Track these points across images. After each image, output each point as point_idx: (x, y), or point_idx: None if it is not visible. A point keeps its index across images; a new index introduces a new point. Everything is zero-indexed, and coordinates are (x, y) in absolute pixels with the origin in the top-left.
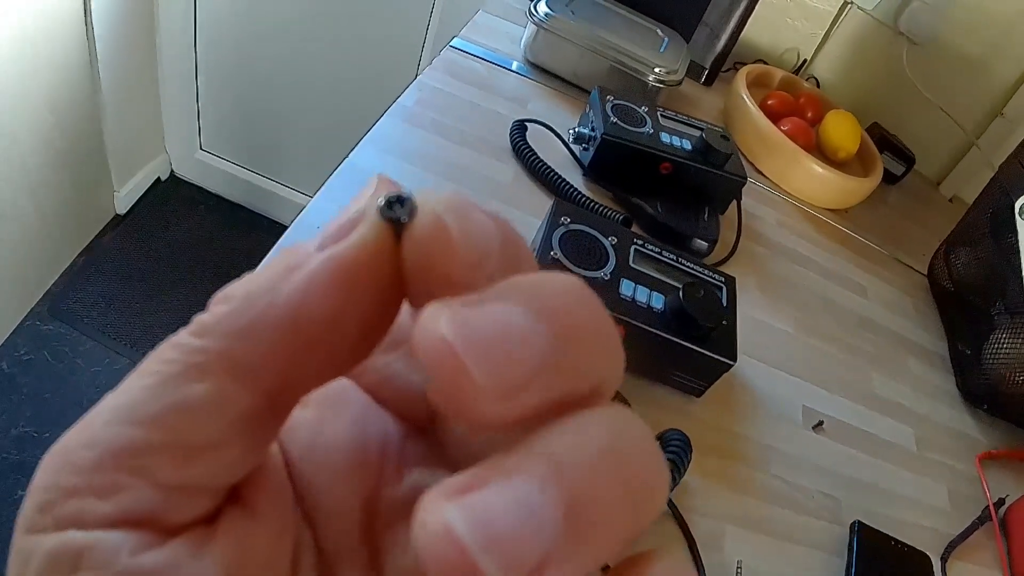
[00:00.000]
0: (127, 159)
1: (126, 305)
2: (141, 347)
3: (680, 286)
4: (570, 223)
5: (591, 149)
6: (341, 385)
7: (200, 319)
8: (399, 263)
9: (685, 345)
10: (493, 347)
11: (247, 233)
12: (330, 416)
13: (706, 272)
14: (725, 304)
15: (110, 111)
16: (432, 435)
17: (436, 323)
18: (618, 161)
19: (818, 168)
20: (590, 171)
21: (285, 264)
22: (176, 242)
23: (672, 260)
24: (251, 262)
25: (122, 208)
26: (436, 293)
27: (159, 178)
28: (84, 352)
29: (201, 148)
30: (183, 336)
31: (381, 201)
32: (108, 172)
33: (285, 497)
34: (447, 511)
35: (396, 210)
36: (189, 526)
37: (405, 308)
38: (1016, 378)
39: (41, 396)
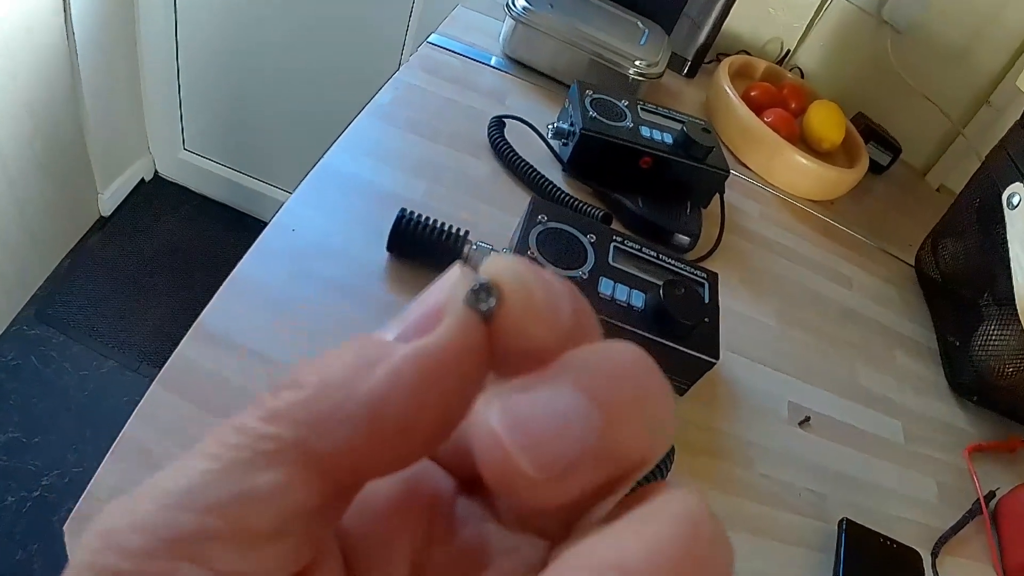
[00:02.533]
0: (110, 161)
1: (113, 307)
2: (129, 350)
3: (660, 283)
4: (548, 221)
5: (570, 144)
6: None
7: (269, 404)
8: (486, 349)
9: (666, 344)
10: (541, 437)
11: (233, 232)
12: None
13: (687, 269)
14: (707, 301)
15: (92, 112)
16: (485, 491)
17: (487, 415)
18: (598, 156)
19: (802, 159)
20: (569, 167)
21: (363, 355)
22: (162, 243)
23: (652, 257)
24: (237, 262)
25: (106, 210)
26: (521, 365)
27: (143, 179)
28: (72, 356)
29: (184, 148)
30: (249, 419)
31: (468, 290)
32: (91, 174)
33: (338, 571)
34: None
35: (483, 299)
36: None
37: None
38: (1005, 369)
39: (29, 401)
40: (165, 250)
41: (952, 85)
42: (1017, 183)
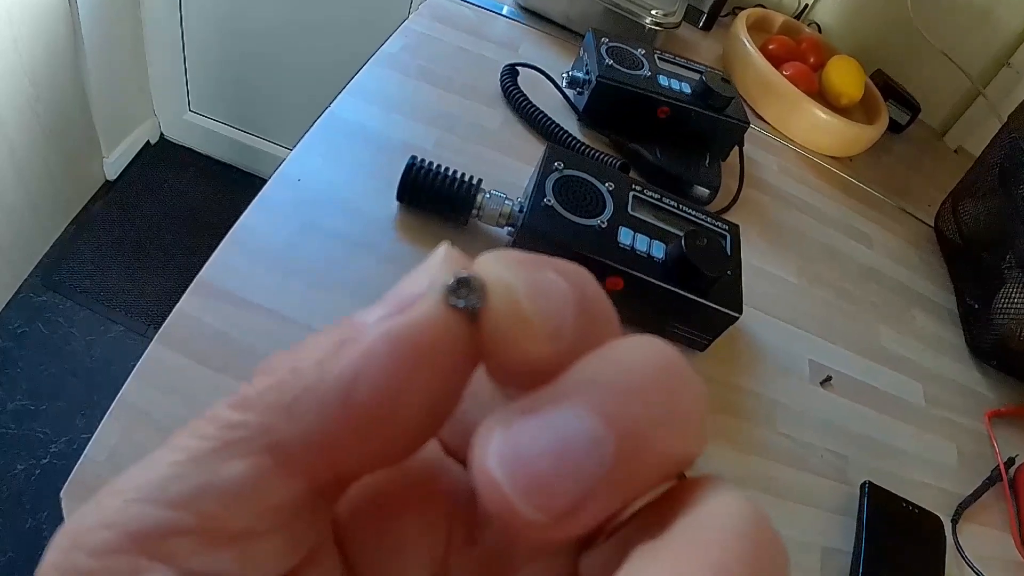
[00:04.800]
0: (115, 124)
1: (119, 272)
2: (136, 314)
3: (682, 234)
4: (564, 169)
5: (586, 93)
6: None
7: (242, 391)
8: (468, 346)
9: (688, 297)
10: (544, 476)
11: (240, 193)
12: (393, 470)
13: (709, 219)
14: (729, 253)
15: (95, 76)
16: None
17: (484, 454)
18: (614, 105)
19: (821, 114)
20: (585, 116)
21: (337, 337)
22: (168, 206)
23: (673, 207)
24: None
25: (112, 174)
26: (513, 369)
27: (148, 142)
28: (79, 322)
29: (190, 109)
30: (221, 408)
31: (444, 284)
32: (96, 138)
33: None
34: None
35: (462, 296)
36: None
37: None
38: None
39: (37, 368)
40: (171, 213)
41: (973, 45)
42: None
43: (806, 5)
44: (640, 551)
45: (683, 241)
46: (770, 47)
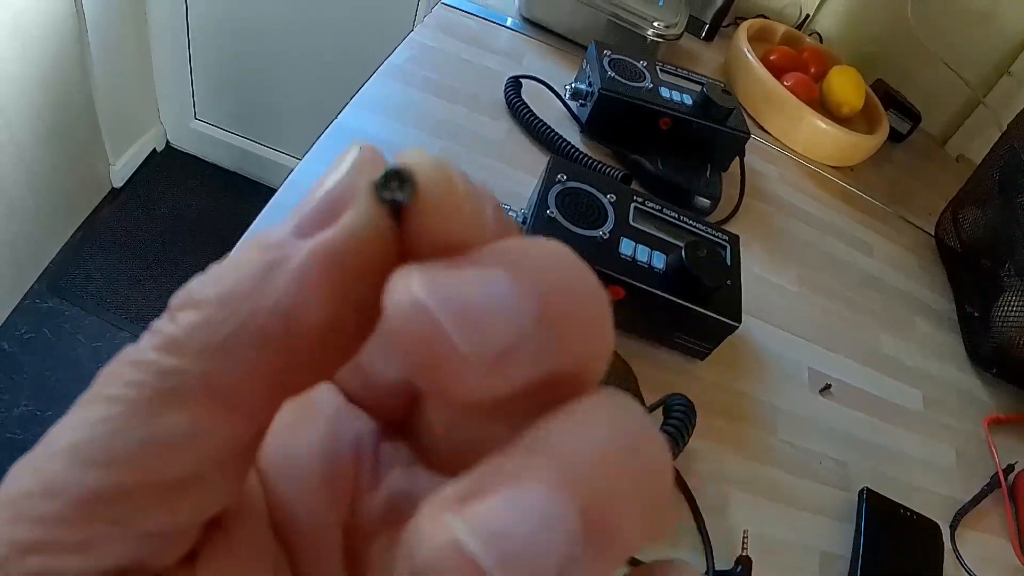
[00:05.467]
0: (121, 131)
1: (126, 279)
2: (142, 321)
3: (682, 245)
4: (567, 180)
5: (588, 105)
6: None
7: (166, 331)
8: (396, 246)
9: (688, 306)
10: (474, 308)
11: (246, 201)
12: (301, 422)
13: (709, 230)
14: (729, 263)
15: (102, 84)
16: (409, 432)
17: (408, 286)
18: (616, 117)
19: (822, 124)
20: (588, 127)
21: (263, 259)
22: (174, 213)
23: (674, 218)
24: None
25: (118, 181)
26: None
27: (155, 149)
28: (85, 328)
29: (196, 117)
30: (146, 352)
31: (375, 179)
32: (103, 145)
33: (262, 521)
34: (454, 524)
35: (395, 191)
36: (170, 570)
37: None
38: None
39: (43, 374)
40: (177, 220)
41: (973, 53)
42: None
43: (807, 15)
44: (527, 430)
45: (683, 252)
46: (771, 57)
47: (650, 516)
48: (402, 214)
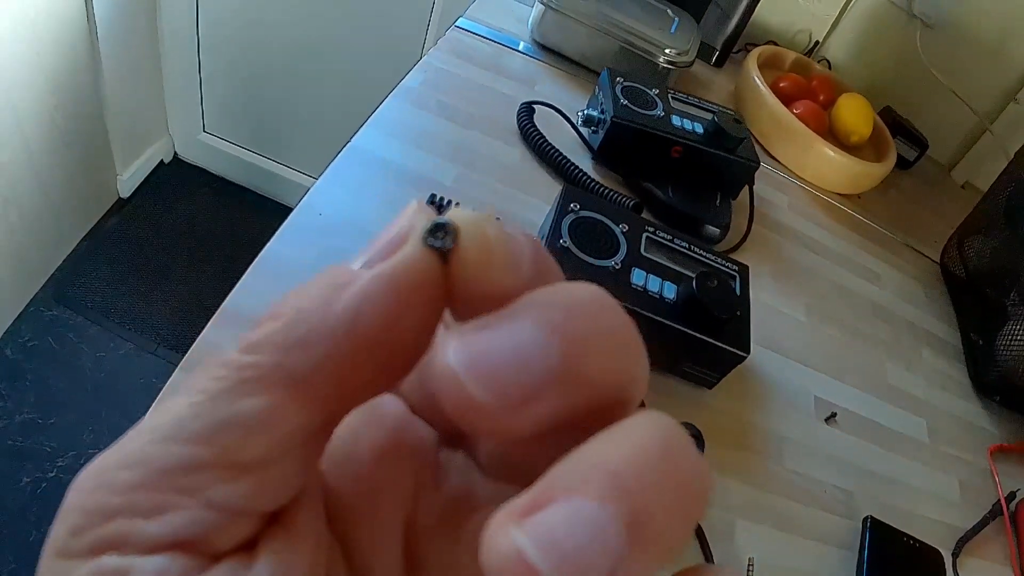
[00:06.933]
0: (130, 142)
1: (130, 289)
2: (146, 331)
3: (693, 275)
4: (580, 210)
5: (600, 132)
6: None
7: (248, 337)
8: (443, 283)
9: (698, 337)
10: (496, 365)
11: (252, 215)
12: (367, 425)
13: (719, 261)
14: (739, 294)
15: (112, 94)
16: (467, 443)
17: (444, 349)
18: (628, 144)
19: (831, 152)
20: (599, 154)
21: (332, 282)
22: (180, 225)
23: (685, 248)
24: (256, 244)
25: (125, 192)
26: (478, 306)
27: (162, 161)
28: (89, 337)
29: (204, 130)
30: (231, 354)
31: (424, 228)
32: (111, 155)
33: (321, 515)
34: (516, 534)
35: (439, 238)
36: (233, 551)
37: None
38: None
39: (46, 382)
40: (183, 232)
41: (980, 81)
42: None
43: (817, 42)
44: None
45: (695, 282)
46: (781, 85)
47: (690, 522)
48: (448, 259)
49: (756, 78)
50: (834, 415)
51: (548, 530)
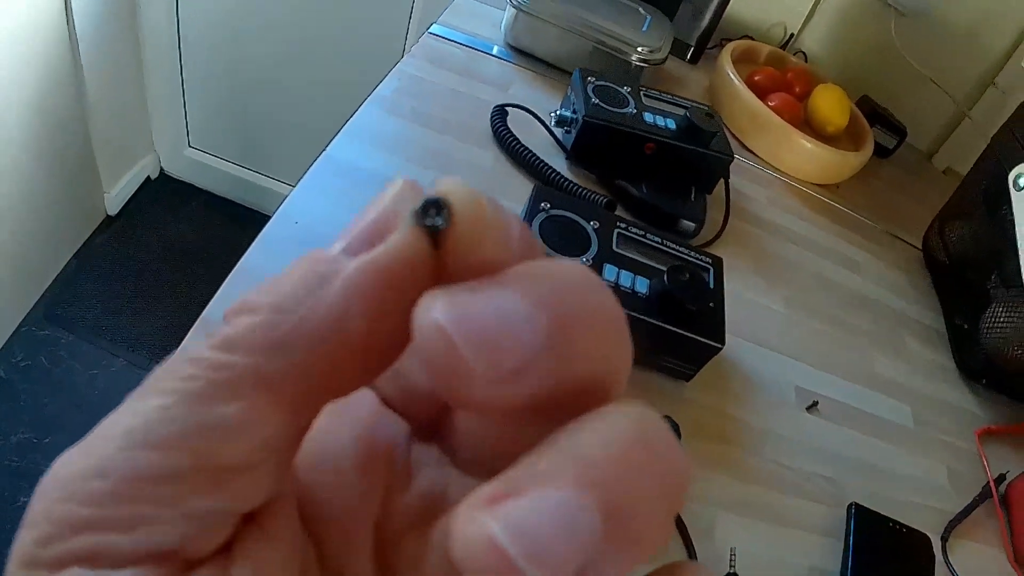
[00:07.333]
0: (116, 159)
1: (121, 306)
2: (138, 348)
3: (665, 269)
4: (550, 209)
5: (573, 132)
6: None
7: (222, 332)
8: (434, 264)
9: (671, 329)
10: (487, 331)
11: (240, 229)
12: (338, 422)
13: (692, 254)
14: (712, 286)
15: (96, 112)
16: (441, 435)
17: (432, 308)
18: (601, 143)
19: (807, 143)
20: (573, 154)
21: (312, 272)
22: (169, 240)
23: (656, 243)
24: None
25: (113, 209)
26: (463, 277)
27: (149, 177)
28: (81, 355)
29: (190, 145)
30: (202, 350)
31: (416, 207)
32: (97, 173)
33: (294, 515)
34: (487, 521)
35: (432, 216)
36: (210, 556)
37: None
38: (1014, 352)
39: (40, 401)
40: (172, 248)
41: (958, 67)
42: None
43: (792, 35)
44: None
45: (666, 276)
46: (756, 78)
47: (668, 513)
48: (439, 238)
49: (730, 73)
50: (815, 403)
51: (521, 517)
